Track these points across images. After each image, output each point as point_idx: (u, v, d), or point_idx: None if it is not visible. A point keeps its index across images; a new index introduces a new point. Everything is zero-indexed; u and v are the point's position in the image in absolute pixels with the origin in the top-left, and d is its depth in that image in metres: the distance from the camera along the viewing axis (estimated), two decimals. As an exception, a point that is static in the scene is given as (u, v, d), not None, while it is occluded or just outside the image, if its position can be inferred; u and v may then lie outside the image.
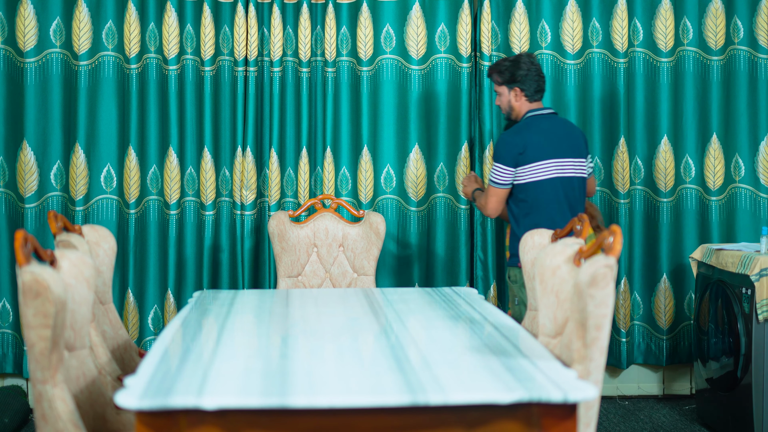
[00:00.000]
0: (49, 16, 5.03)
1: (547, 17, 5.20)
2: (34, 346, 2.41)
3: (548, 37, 5.20)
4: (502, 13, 5.23)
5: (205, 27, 5.09)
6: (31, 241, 2.56)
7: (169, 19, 5.06)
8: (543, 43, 5.20)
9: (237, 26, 5.09)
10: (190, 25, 5.11)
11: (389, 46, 5.19)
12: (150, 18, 5.08)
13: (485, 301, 3.64)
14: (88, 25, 5.03)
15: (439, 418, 2.22)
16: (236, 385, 2.29)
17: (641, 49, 5.23)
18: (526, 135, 4.23)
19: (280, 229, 4.54)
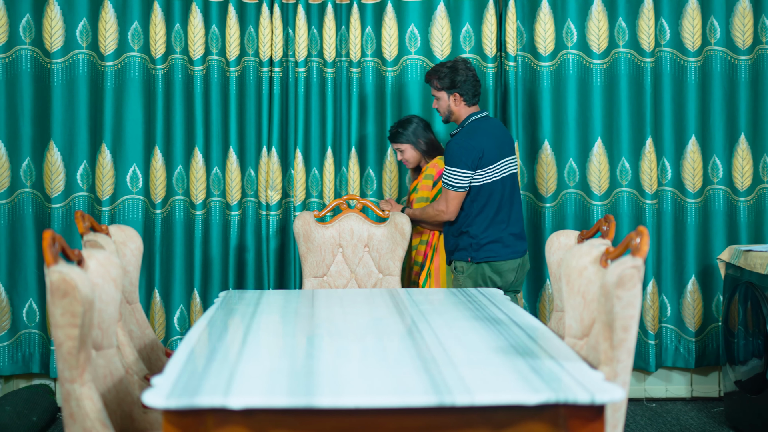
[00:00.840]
0: (75, 17, 5.06)
1: (572, 17, 5.17)
2: (62, 345, 2.43)
3: (574, 36, 5.17)
4: (527, 12, 5.21)
5: (230, 28, 5.10)
6: (59, 241, 2.57)
7: (194, 20, 5.08)
8: (569, 42, 5.17)
9: (262, 27, 5.10)
10: (216, 26, 5.13)
11: (414, 47, 5.18)
12: (175, 19, 5.10)
13: (510, 301, 3.62)
14: (114, 26, 5.06)
15: (465, 419, 2.21)
16: (262, 384, 2.29)
17: (668, 49, 5.20)
18: (481, 139, 4.44)
19: (306, 229, 4.54)
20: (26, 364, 5.16)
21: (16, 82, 5.04)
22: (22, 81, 5.05)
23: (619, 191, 5.21)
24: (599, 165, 5.19)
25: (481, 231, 4.46)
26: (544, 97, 5.20)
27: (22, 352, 5.15)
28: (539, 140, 5.21)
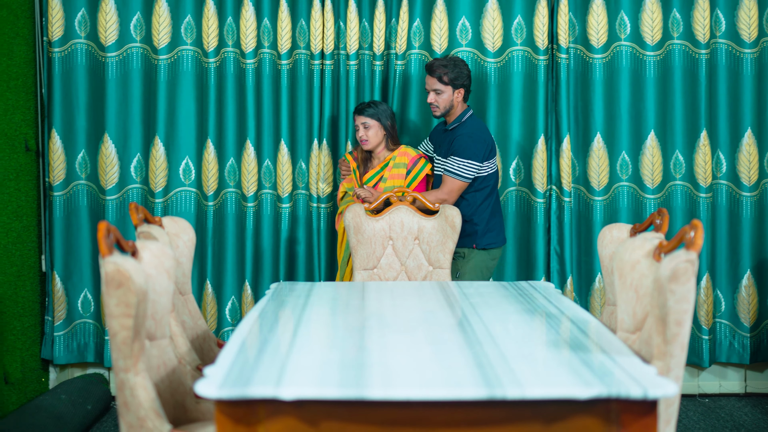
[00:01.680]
0: (129, 11, 5.11)
1: (626, 8, 5.11)
2: (116, 335, 2.46)
3: (627, 28, 5.11)
4: (580, 4, 5.16)
5: (281, 21, 5.12)
6: (114, 233, 2.60)
7: (246, 14, 5.11)
8: (622, 35, 5.12)
9: (313, 20, 5.11)
10: (267, 19, 5.15)
11: (465, 39, 5.16)
12: (228, 12, 5.13)
13: (562, 295, 3.60)
14: (167, 20, 5.10)
15: (516, 412, 2.21)
16: (313, 376, 2.30)
17: (723, 41, 5.12)
18: (488, 134, 4.69)
19: (356, 221, 4.55)
20: (81, 354, 5.24)
21: (72, 76, 5.11)
22: (78, 74, 5.12)
23: (672, 184, 5.15)
24: (652, 158, 5.13)
25: (486, 219, 4.71)
26: (596, 89, 5.15)
27: (77, 342, 5.23)
28: (591, 133, 5.16)
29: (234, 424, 2.20)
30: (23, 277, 4.86)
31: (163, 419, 2.52)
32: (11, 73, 4.73)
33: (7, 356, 4.62)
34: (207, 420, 3.03)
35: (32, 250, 5.00)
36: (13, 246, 4.71)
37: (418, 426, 2.21)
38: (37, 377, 5.05)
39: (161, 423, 2.51)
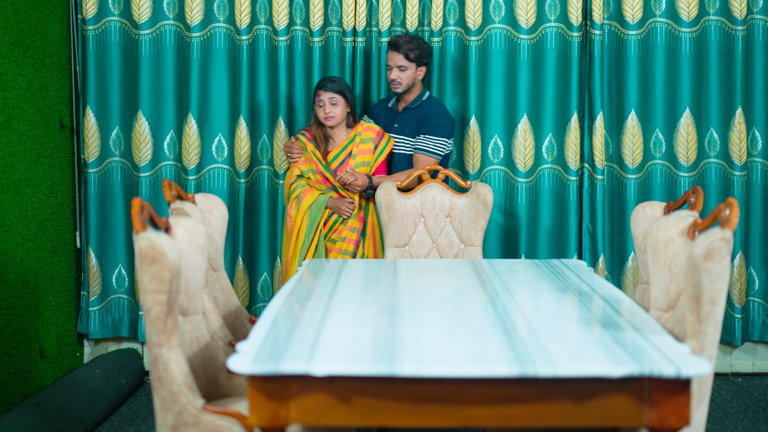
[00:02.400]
0: (163, -12, 5.13)
1: (661, -16, 5.07)
2: (150, 310, 2.48)
3: (663, 4, 5.05)
4: (615, -20, 5.12)
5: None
6: (147, 209, 2.62)
7: (278, -10, 5.11)
8: (657, 11, 5.06)
9: (346, -4, 5.10)
10: (300, -4, 5.15)
11: (498, 16, 5.12)
12: (260, -11, 5.14)
13: (594, 273, 3.59)
14: (200, -3, 5.12)
15: (547, 390, 2.20)
16: (345, 352, 2.31)
17: (761, 16, 5.04)
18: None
19: (388, 199, 4.55)
20: (115, 328, 5.30)
21: (106, 54, 5.14)
22: (111, 52, 5.14)
23: (707, 162, 5.10)
24: (687, 135, 5.09)
25: None
26: (630, 66, 5.10)
27: (112, 317, 5.29)
28: (625, 110, 5.12)
29: (266, 399, 2.22)
30: (58, 253, 4.91)
31: (196, 394, 2.54)
32: (46, 50, 4.76)
33: (43, 331, 4.68)
34: (239, 395, 3.05)
35: (67, 227, 5.05)
36: (49, 222, 4.76)
37: (449, 403, 2.21)
38: (72, 352, 5.11)
39: (194, 397, 2.54)
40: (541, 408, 2.21)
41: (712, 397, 4.74)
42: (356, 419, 2.24)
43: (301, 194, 4.62)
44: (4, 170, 4.26)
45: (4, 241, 4.24)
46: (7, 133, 4.31)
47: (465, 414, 2.22)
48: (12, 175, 4.34)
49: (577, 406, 2.21)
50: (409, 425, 2.25)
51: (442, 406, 2.21)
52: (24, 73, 4.49)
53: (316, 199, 4.62)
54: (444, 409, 2.22)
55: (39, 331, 4.63)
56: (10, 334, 4.30)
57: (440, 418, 2.22)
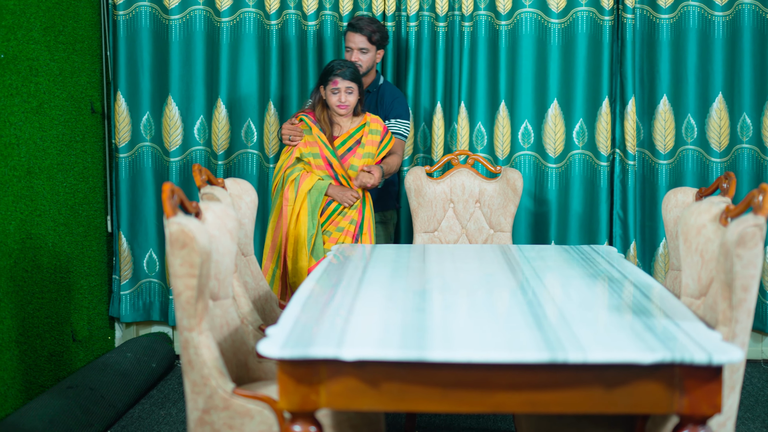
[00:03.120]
0: (193, -27, 5.14)
1: (694, -33, 5.01)
2: (180, 294, 2.49)
3: (695, -13, 5.01)
4: (647, -37, 5.07)
5: (343, -18, 5.11)
6: (178, 194, 2.63)
7: (308, -25, 5.10)
8: (690, -6, 5.01)
9: (375, -19, 5.09)
10: (329, -19, 5.14)
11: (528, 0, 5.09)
12: (290, -26, 5.13)
13: (625, 259, 3.56)
14: (230, -18, 5.12)
15: (577, 376, 2.19)
16: (374, 337, 2.31)
17: (795, 0, 4.99)
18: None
19: (417, 184, 4.54)
20: (146, 312, 5.34)
21: (136, 39, 5.16)
22: (142, 37, 5.16)
23: (739, 148, 5.05)
24: (719, 121, 5.04)
25: (398, 180, 5.02)
26: (662, 50, 5.06)
27: (143, 301, 5.33)
28: (657, 95, 5.08)
29: (296, 383, 2.22)
30: (90, 237, 4.95)
31: (226, 378, 2.56)
32: (77, 35, 4.78)
33: (75, 314, 4.72)
34: (269, 379, 3.06)
35: (98, 211, 5.08)
36: (80, 207, 4.80)
37: (479, 388, 2.21)
38: (103, 335, 5.16)
39: (224, 381, 2.55)
40: (570, 394, 2.20)
41: (743, 385, 4.70)
42: (385, 404, 2.24)
43: (299, 177, 4.33)
44: (36, 155, 4.30)
45: (36, 226, 4.28)
46: (39, 118, 4.34)
47: (494, 400, 2.21)
48: (44, 160, 4.38)
49: (607, 393, 2.20)
50: (437, 410, 2.25)
51: (471, 391, 2.21)
52: (55, 59, 4.52)
53: (315, 184, 4.32)
54: (473, 395, 2.21)
55: (71, 314, 4.68)
56: (42, 318, 4.35)
57: (469, 403, 2.22)
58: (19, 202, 4.13)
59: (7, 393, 4.00)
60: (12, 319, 4.05)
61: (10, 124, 4.06)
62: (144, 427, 4.28)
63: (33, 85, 4.28)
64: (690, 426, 2.22)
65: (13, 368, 4.06)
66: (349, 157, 4.40)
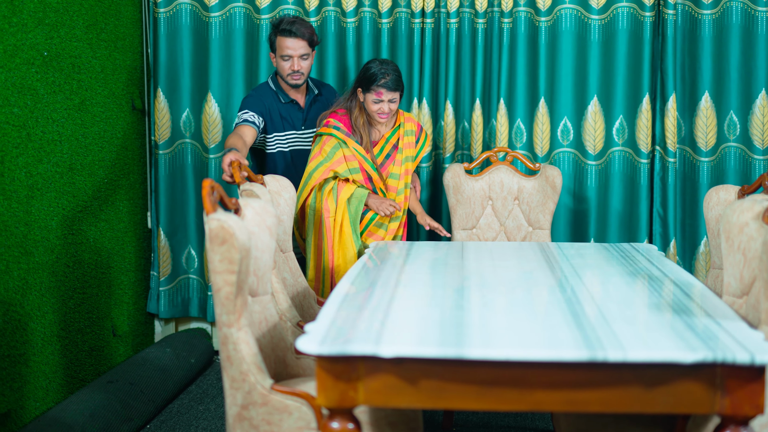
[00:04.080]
0: (232, -29, 5.17)
1: (737, -38, 4.95)
2: (220, 290, 2.51)
3: (739, -18, 4.95)
4: (689, -42, 5.01)
5: (382, -21, 5.10)
6: (218, 190, 2.64)
7: (347, -28, 5.11)
8: (733, -11, 4.95)
9: (414, -22, 5.08)
10: (368, -22, 5.14)
11: (569, -5, 5.06)
12: (329, -29, 5.14)
13: (665, 258, 3.53)
14: (269, -21, 5.14)
15: (617, 375, 2.18)
16: (412, 334, 2.31)
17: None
18: None
19: (456, 181, 4.53)
20: (185, 308, 5.37)
21: (177, 36, 5.19)
22: (182, 35, 5.19)
23: (783, 145, 4.99)
24: (762, 117, 4.97)
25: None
26: (704, 46, 5.00)
27: (182, 297, 5.36)
28: (698, 92, 5.02)
29: (334, 380, 2.23)
30: (130, 234, 4.99)
31: (264, 374, 2.57)
32: (118, 33, 4.83)
33: (115, 310, 4.77)
34: (307, 375, 3.07)
35: (138, 207, 5.13)
36: (120, 203, 4.84)
37: (517, 386, 2.20)
38: (143, 331, 5.20)
39: (263, 377, 2.56)
40: (610, 393, 2.19)
41: (785, 385, 4.64)
42: (423, 402, 2.24)
43: (336, 186, 4.15)
44: (78, 151, 4.34)
45: (78, 221, 4.32)
46: (81, 115, 4.38)
47: (533, 398, 2.20)
48: (86, 157, 4.42)
49: (648, 392, 2.18)
50: (476, 408, 2.25)
51: (509, 389, 2.20)
52: (97, 56, 4.56)
53: (354, 192, 4.17)
54: (511, 393, 2.21)
55: (111, 310, 4.72)
56: (84, 313, 4.39)
57: (507, 401, 2.21)
58: (61, 198, 4.18)
59: (49, 387, 4.05)
60: (54, 314, 4.10)
61: (53, 121, 4.11)
62: (183, 422, 4.31)
63: (75, 82, 4.32)
64: (732, 426, 2.20)
65: (54, 363, 4.11)
66: (388, 165, 4.29)
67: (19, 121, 3.82)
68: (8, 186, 3.73)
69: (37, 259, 3.96)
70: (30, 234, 3.90)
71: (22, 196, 3.84)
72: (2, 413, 3.65)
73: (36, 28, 3.96)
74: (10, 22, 3.75)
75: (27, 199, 3.87)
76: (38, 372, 3.96)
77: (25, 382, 3.85)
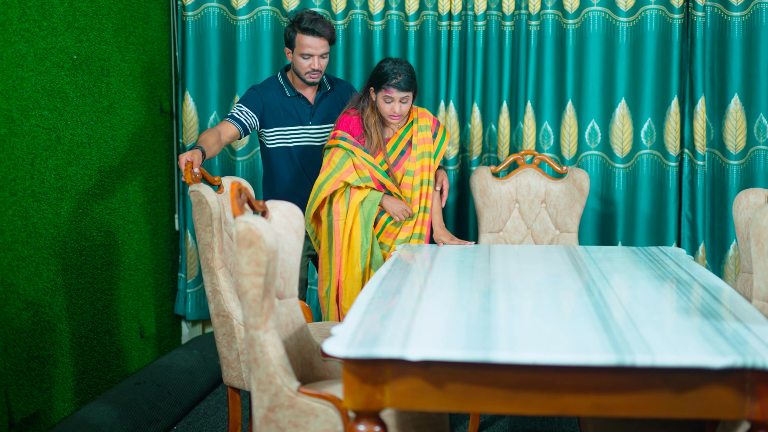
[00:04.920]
0: (260, -26, 5.18)
1: (767, -37, 4.91)
2: (247, 292, 2.51)
3: (770, -16, 4.91)
4: (718, -40, 4.98)
5: (409, -18, 5.10)
6: (245, 193, 2.65)
7: (374, -25, 5.11)
8: (764, -9, 4.91)
9: (441, -20, 5.08)
10: (395, -19, 5.14)
11: (597, -2, 5.04)
12: (356, -26, 5.14)
13: (694, 261, 3.51)
14: (296, -18, 5.15)
15: (645, 379, 2.17)
16: (439, 337, 2.31)
17: None
18: None
19: (482, 184, 4.52)
20: (212, 310, 5.39)
21: (204, 39, 5.21)
22: (210, 38, 5.21)
23: (814, 148, 4.95)
24: (793, 120, 4.93)
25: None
26: (733, 49, 4.96)
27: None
28: (728, 94, 4.98)
29: (361, 382, 2.23)
30: (157, 235, 5.02)
31: (291, 376, 2.57)
32: (147, 36, 4.85)
33: (143, 311, 4.79)
34: (333, 378, 3.07)
35: (166, 209, 5.15)
36: (149, 205, 4.87)
37: (544, 390, 2.19)
38: (170, 332, 5.23)
39: (290, 380, 2.56)
40: (638, 398, 2.17)
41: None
42: (450, 405, 2.24)
43: (349, 189, 4.03)
44: (107, 154, 4.37)
45: (107, 224, 4.35)
46: (110, 117, 4.41)
47: (560, 402, 2.19)
48: (114, 159, 4.45)
49: (676, 397, 2.16)
50: (503, 412, 2.24)
51: (536, 393, 2.19)
52: (126, 59, 4.59)
53: (368, 195, 4.03)
54: (539, 397, 2.20)
55: (139, 311, 4.75)
56: (111, 315, 4.42)
57: (535, 405, 2.21)
58: (90, 201, 4.21)
59: (77, 388, 4.08)
60: (82, 316, 4.13)
61: (82, 124, 4.14)
62: (209, 423, 4.32)
63: (104, 85, 4.35)
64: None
65: (83, 364, 4.13)
66: (403, 162, 4.12)
67: (48, 124, 3.85)
68: (38, 188, 3.76)
69: (66, 260, 4.00)
70: (59, 236, 3.93)
71: (52, 198, 3.87)
72: (31, 414, 3.68)
73: (66, 31, 4.00)
74: (40, 25, 3.78)
75: (56, 201, 3.91)
76: (66, 373, 3.99)
77: (54, 383, 3.88)
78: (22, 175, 3.65)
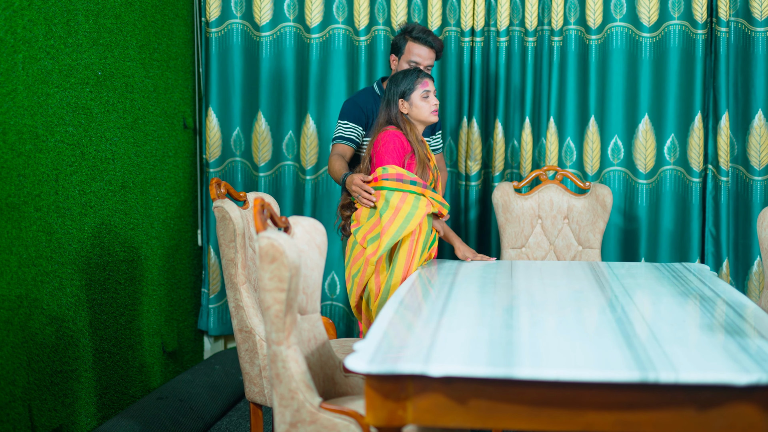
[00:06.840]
0: (283, -9, 5.21)
1: (791, -21, 4.88)
2: (269, 308, 2.52)
3: (792, 0, 4.88)
4: (742, -25, 4.96)
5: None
6: (268, 208, 2.66)
7: (397, -8, 5.12)
8: (786, 6, 4.89)
9: (463, -3, 5.08)
10: (418, -3, 5.15)
11: (619, 14, 5.02)
12: (378, -10, 5.16)
13: (718, 278, 3.48)
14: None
15: (669, 396, 2.15)
16: (462, 353, 2.30)
17: None
18: None
19: (505, 200, 4.52)
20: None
21: (228, 55, 5.24)
22: (233, 54, 5.24)
23: (839, 164, 4.91)
24: (817, 136, 4.90)
25: None
26: (758, 64, 4.93)
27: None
28: (752, 110, 4.95)
29: (383, 398, 2.23)
30: (180, 251, 5.04)
31: (313, 392, 2.57)
32: (171, 53, 4.89)
33: (166, 327, 4.81)
34: (356, 394, 3.07)
35: (189, 225, 5.17)
36: (172, 220, 4.89)
37: (567, 407, 2.18)
38: (192, 347, 5.24)
39: (312, 395, 2.56)
40: (662, 415, 2.16)
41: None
42: (472, 421, 2.23)
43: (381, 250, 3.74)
44: (130, 169, 4.40)
45: (130, 239, 4.38)
46: (134, 133, 4.44)
47: (584, 419, 2.18)
48: (138, 175, 4.48)
49: (700, 414, 2.15)
50: (525, 429, 2.23)
51: (560, 410, 2.18)
52: (150, 75, 4.62)
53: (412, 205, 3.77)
54: (562, 414, 2.19)
55: (162, 326, 4.76)
56: (134, 329, 4.44)
57: (558, 422, 2.20)
58: (114, 216, 4.23)
59: (100, 403, 4.09)
60: (105, 331, 4.15)
61: (107, 140, 4.17)
62: (232, 438, 4.33)
63: (128, 101, 4.39)
64: (787, 450, 2.16)
65: (105, 379, 4.15)
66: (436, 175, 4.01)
67: (73, 140, 3.88)
68: (62, 204, 3.78)
69: (90, 276, 4.02)
70: (83, 251, 3.95)
71: (76, 213, 3.89)
72: (54, 428, 3.70)
73: (90, 48, 4.03)
74: (65, 42, 3.81)
75: (80, 217, 3.93)
76: (89, 388, 4.01)
77: (77, 397, 3.89)
78: (46, 190, 3.67)
